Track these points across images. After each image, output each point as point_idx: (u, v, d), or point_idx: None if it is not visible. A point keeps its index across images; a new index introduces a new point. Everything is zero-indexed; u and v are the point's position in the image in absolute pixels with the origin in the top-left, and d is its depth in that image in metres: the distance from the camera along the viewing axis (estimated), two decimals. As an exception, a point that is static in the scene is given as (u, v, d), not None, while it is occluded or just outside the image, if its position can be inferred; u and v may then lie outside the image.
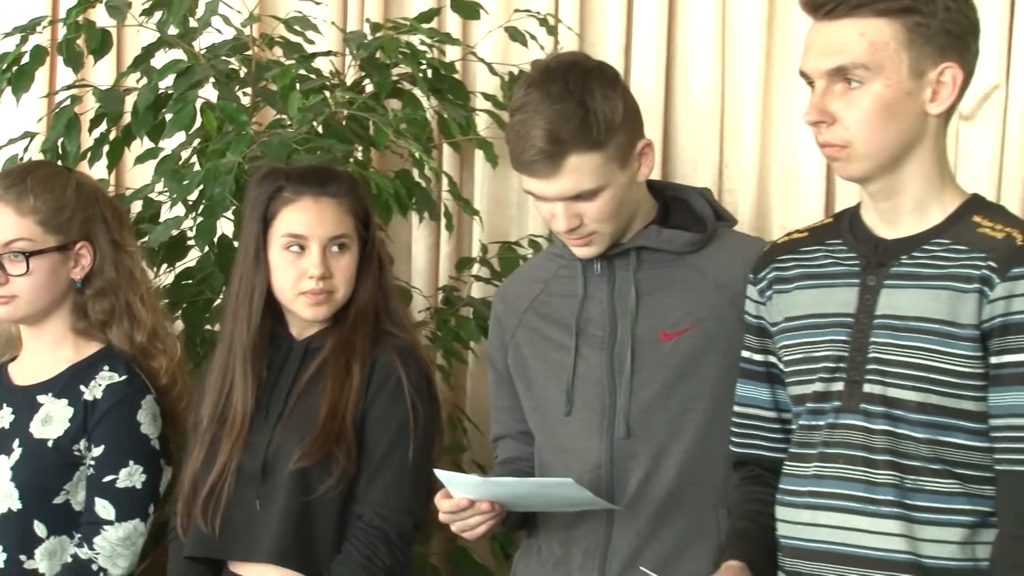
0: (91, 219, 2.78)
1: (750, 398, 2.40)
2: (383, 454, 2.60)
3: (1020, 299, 2.11)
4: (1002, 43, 3.05)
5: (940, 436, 2.15)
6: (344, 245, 2.64)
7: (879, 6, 2.12)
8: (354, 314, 2.66)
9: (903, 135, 2.18)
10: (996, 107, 3.06)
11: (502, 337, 2.65)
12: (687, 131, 3.31)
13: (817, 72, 2.16)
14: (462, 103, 3.32)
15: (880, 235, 2.25)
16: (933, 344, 2.15)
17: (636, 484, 2.48)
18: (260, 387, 2.65)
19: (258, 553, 2.61)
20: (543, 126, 2.37)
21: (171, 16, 3.20)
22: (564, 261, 2.58)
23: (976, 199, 2.26)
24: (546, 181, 2.40)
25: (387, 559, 2.59)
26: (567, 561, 2.54)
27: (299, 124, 3.06)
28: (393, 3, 3.53)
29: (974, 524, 2.16)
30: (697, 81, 3.29)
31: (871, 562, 2.18)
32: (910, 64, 2.14)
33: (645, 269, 2.52)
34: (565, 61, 2.51)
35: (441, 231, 3.47)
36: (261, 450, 2.62)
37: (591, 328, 2.52)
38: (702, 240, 2.52)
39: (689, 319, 2.48)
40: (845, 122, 2.15)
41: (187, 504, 2.66)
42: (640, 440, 2.48)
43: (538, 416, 2.59)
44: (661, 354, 2.48)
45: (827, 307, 2.25)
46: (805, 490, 2.24)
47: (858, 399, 2.19)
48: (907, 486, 2.16)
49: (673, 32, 3.32)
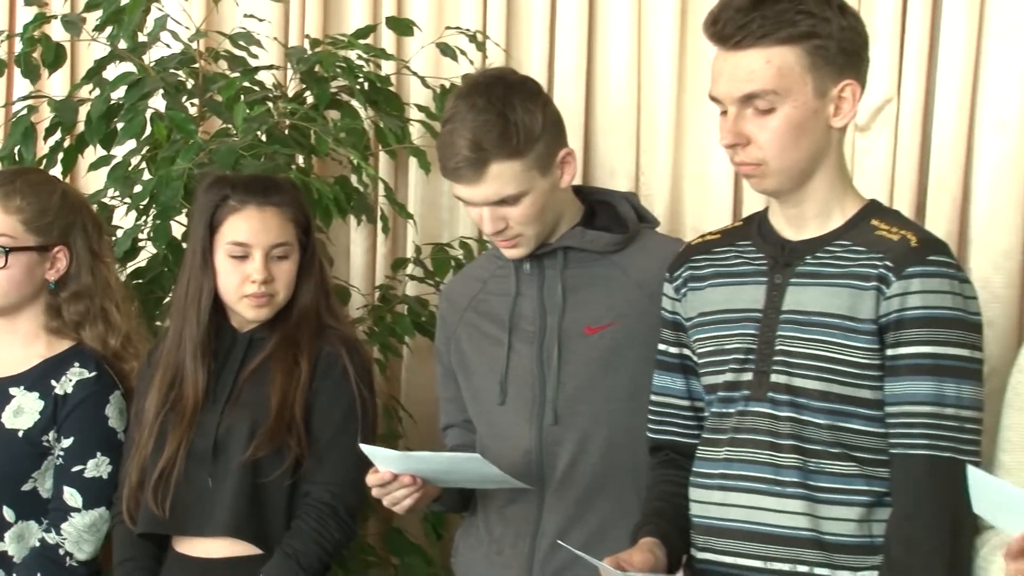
0: (71, 226, 2.77)
1: (666, 388, 2.42)
2: (330, 436, 2.61)
3: (914, 296, 2.14)
4: (894, 60, 3.06)
5: (840, 422, 2.18)
6: (285, 252, 2.64)
7: (781, 34, 2.13)
8: (298, 313, 2.67)
9: (812, 150, 2.20)
10: (889, 119, 3.08)
11: (446, 333, 2.66)
12: (606, 140, 3.32)
13: (729, 98, 2.17)
14: (397, 114, 3.32)
15: (786, 237, 2.27)
16: (834, 337, 2.18)
17: (563, 468, 2.50)
18: (209, 376, 2.64)
19: (212, 527, 2.60)
20: (467, 136, 2.38)
21: (122, 31, 3.17)
22: (500, 262, 2.59)
23: (874, 204, 2.29)
24: (471, 187, 2.42)
25: (336, 533, 2.60)
26: (502, 540, 2.56)
27: (244, 133, 3.04)
28: (332, 20, 3.51)
29: (871, 503, 2.18)
30: (615, 95, 3.30)
31: (777, 538, 2.20)
32: (814, 85, 2.16)
33: (571, 268, 2.53)
34: (491, 75, 2.53)
35: (378, 233, 3.45)
36: (211, 431, 2.61)
37: (523, 324, 2.54)
38: (624, 241, 2.54)
39: (611, 314, 2.50)
40: (759, 143, 2.17)
41: (133, 491, 2.64)
42: (567, 427, 2.49)
43: (476, 406, 2.60)
44: (586, 347, 2.50)
45: (737, 303, 2.28)
46: (717, 472, 2.26)
47: (765, 388, 2.22)
48: (810, 468, 2.19)
49: (593, 49, 3.32)
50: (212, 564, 2.63)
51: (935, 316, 2.14)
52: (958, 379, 2.14)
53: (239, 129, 3.04)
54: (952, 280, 2.16)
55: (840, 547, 2.18)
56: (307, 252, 2.68)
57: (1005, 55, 3.01)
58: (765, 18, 2.12)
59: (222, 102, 3.13)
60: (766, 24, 2.12)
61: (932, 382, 2.13)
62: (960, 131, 3.04)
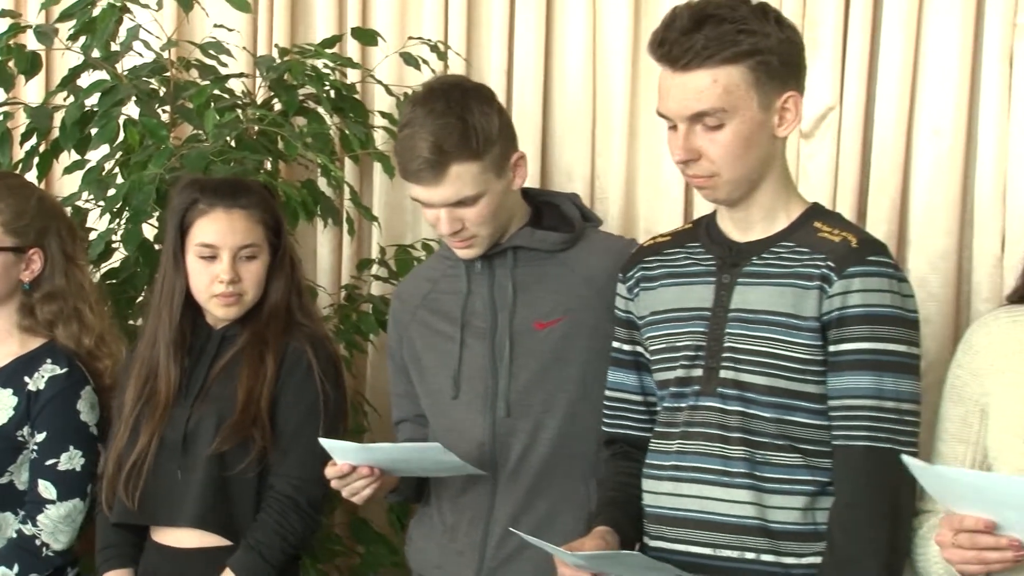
0: (47, 230, 2.77)
1: (619, 383, 2.42)
2: (294, 431, 2.60)
3: (855, 295, 2.16)
4: (836, 69, 3.07)
5: (785, 416, 2.19)
6: (253, 253, 2.63)
7: (726, 54, 2.14)
8: (267, 311, 2.66)
9: (760, 160, 2.22)
10: (832, 126, 3.09)
11: (398, 331, 2.66)
12: (562, 146, 3.32)
13: (679, 116, 2.18)
14: (362, 120, 3.30)
15: (734, 239, 2.28)
16: (779, 334, 2.19)
17: (516, 458, 2.50)
18: (183, 373, 2.64)
19: (181, 518, 2.60)
20: (428, 139, 2.38)
21: (95, 41, 3.15)
22: (451, 262, 2.59)
23: (816, 207, 2.30)
24: (431, 189, 2.41)
25: (298, 526, 2.59)
26: (455, 527, 2.56)
27: (214, 139, 3.03)
28: (299, 30, 3.50)
29: (814, 493, 2.20)
30: (571, 102, 3.30)
31: (725, 527, 2.21)
32: (759, 99, 2.17)
33: (521, 266, 2.53)
34: (447, 82, 2.53)
35: (343, 235, 3.44)
36: (181, 424, 2.61)
37: (475, 320, 2.54)
38: (571, 239, 2.54)
39: (560, 310, 2.51)
40: (710, 157, 2.18)
41: (111, 482, 2.63)
42: (519, 418, 2.50)
43: (430, 400, 2.60)
44: (536, 342, 2.50)
45: (688, 302, 2.29)
46: (669, 464, 2.27)
47: (715, 383, 2.23)
48: (757, 460, 2.20)
49: (550, 59, 3.32)
50: (185, 554, 2.62)
51: (875, 314, 2.15)
52: (897, 374, 2.16)
53: (209, 135, 3.03)
54: (891, 279, 2.18)
55: (785, 534, 2.20)
56: (277, 252, 2.67)
57: (941, 66, 3.02)
58: (709, 39, 2.13)
59: (193, 109, 3.11)
60: (711, 45, 2.13)
61: (872, 377, 2.15)
62: (899, 137, 3.05)
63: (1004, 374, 2.15)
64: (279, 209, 2.74)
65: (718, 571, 2.22)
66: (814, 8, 3.08)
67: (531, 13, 3.29)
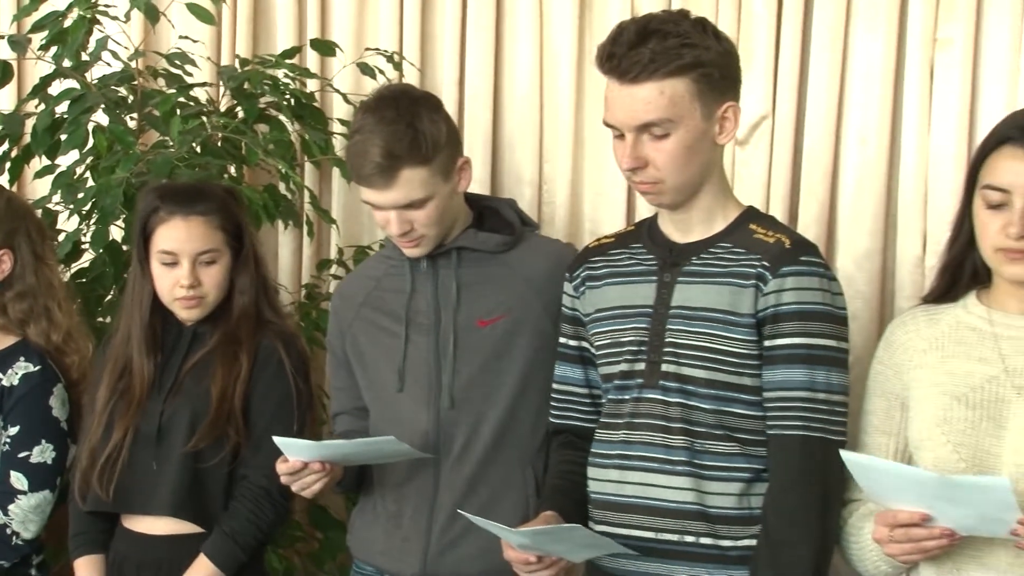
0: (16, 231, 2.74)
1: (566, 377, 2.42)
2: (267, 424, 2.58)
3: (788, 292, 2.17)
4: (768, 80, 3.09)
5: (723, 407, 2.20)
6: (213, 257, 2.60)
7: (671, 67, 2.14)
8: (237, 311, 2.64)
9: (702, 167, 2.22)
10: (765, 134, 3.11)
11: (340, 327, 2.64)
12: (512, 152, 3.31)
13: (626, 126, 2.18)
14: (321, 127, 3.29)
15: (674, 240, 2.29)
16: (717, 330, 2.20)
17: (459, 447, 2.49)
18: (156, 368, 2.62)
19: (155, 507, 2.58)
20: (379, 144, 2.36)
21: (66, 51, 3.12)
22: (394, 261, 2.58)
23: (751, 210, 2.31)
24: (382, 192, 2.40)
25: (271, 514, 2.59)
26: (399, 515, 2.54)
27: (180, 145, 3.00)
28: (260, 41, 3.47)
29: (750, 479, 2.21)
30: (520, 111, 3.30)
31: (667, 512, 2.22)
32: (702, 110, 2.17)
33: (464, 266, 2.52)
34: (396, 90, 2.52)
35: (304, 237, 3.42)
36: (155, 417, 2.59)
37: (419, 318, 2.52)
38: (512, 242, 2.54)
39: (501, 308, 2.50)
40: (656, 165, 2.18)
41: (85, 474, 2.60)
42: (462, 410, 2.49)
43: (373, 393, 2.58)
44: (478, 338, 2.49)
45: (631, 300, 2.29)
46: (614, 453, 2.27)
47: (657, 377, 2.23)
48: (696, 449, 2.20)
49: (500, 70, 3.32)
50: (155, 540, 2.61)
51: (807, 311, 2.16)
52: (827, 367, 2.17)
53: (175, 141, 3.01)
54: (821, 278, 2.19)
55: (723, 518, 2.20)
56: (241, 254, 2.64)
57: (866, 77, 3.04)
58: (655, 53, 2.13)
59: (159, 116, 3.08)
60: (657, 59, 2.13)
61: (805, 370, 2.16)
62: (827, 145, 3.07)
63: (922, 369, 2.17)
64: (241, 212, 2.70)
65: (659, 554, 2.22)
66: (748, 22, 3.09)
67: (482, 27, 3.29)
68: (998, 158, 2.05)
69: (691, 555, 2.21)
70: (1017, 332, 2.10)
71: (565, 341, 2.42)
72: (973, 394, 2.09)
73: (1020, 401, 2.06)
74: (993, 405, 2.07)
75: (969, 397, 2.09)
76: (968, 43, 2.95)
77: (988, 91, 2.96)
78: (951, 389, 2.11)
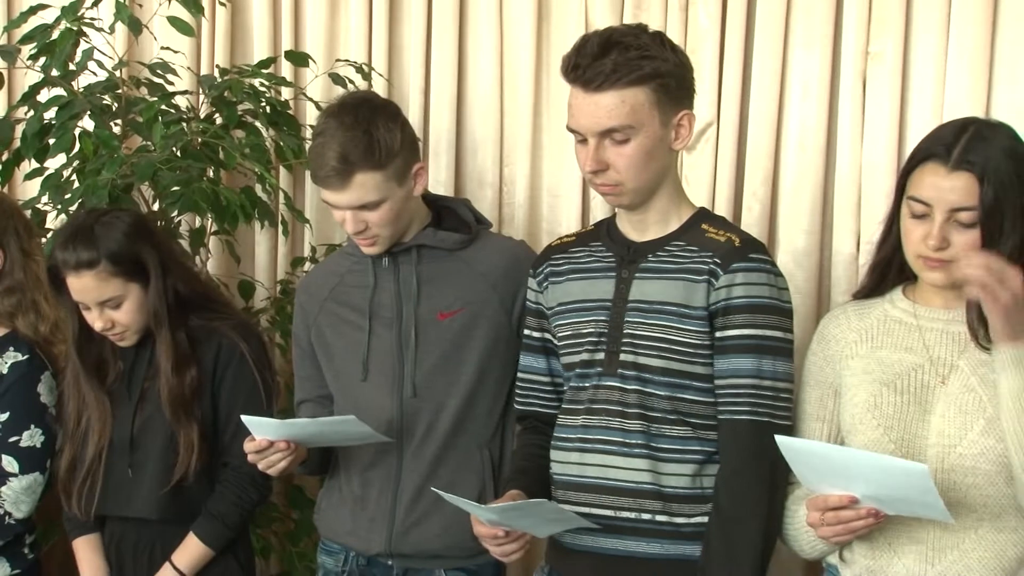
0: (5, 230, 2.71)
1: (530, 366, 2.42)
2: (240, 414, 2.53)
3: (738, 287, 2.17)
4: (714, 90, 3.09)
5: (678, 393, 2.20)
6: (115, 303, 2.51)
7: (632, 77, 2.14)
8: (167, 324, 2.54)
9: (659, 170, 2.22)
10: (710, 141, 3.11)
11: (306, 321, 2.61)
12: (474, 157, 3.30)
13: (589, 132, 2.17)
14: (294, 133, 3.26)
15: (632, 239, 2.28)
16: (672, 322, 2.19)
17: (421, 433, 2.49)
18: (105, 389, 2.58)
19: (135, 511, 2.56)
20: (336, 149, 2.35)
21: (54, 61, 3.07)
22: (356, 258, 2.56)
23: (704, 211, 2.32)
24: (337, 193, 2.39)
25: (254, 495, 2.58)
26: (365, 497, 2.53)
27: (162, 149, 2.97)
28: (238, 52, 3.45)
29: (702, 461, 2.21)
30: (482, 118, 3.29)
31: (625, 491, 2.22)
32: (660, 118, 2.17)
33: (424, 263, 2.51)
34: (358, 97, 2.50)
35: (279, 236, 3.40)
36: (127, 426, 2.56)
37: (382, 311, 2.51)
38: (468, 240, 2.54)
39: (460, 302, 2.49)
40: (617, 168, 2.18)
41: (64, 485, 2.60)
42: (423, 398, 2.48)
43: (339, 383, 2.56)
44: (439, 330, 2.48)
45: (591, 294, 2.28)
46: (576, 437, 2.27)
47: (615, 366, 2.23)
48: (652, 433, 2.20)
49: (463, 79, 3.30)
50: (148, 523, 2.59)
51: (755, 304, 2.17)
52: (774, 356, 2.18)
53: (157, 145, 2.98)
54: (769, 274, 2.20)
55: (677, 497, 2.20)
56: (148, 278, 2.52)
57: (804, 88, 3.05)
58: (618, 64, 2.12)
59: (142, 122, 3.05)
60: (619, 69, 2.12)
61: (753, 359, 2.16)
62: (768, 151, 3.08)
63: (854, 359, 2.18)
64: (135, 244, 2.51)
65: (618, 530, 2.22)
66: (694, 37, 3.09)
67: (446, 39, 3.27)
68: (923, 173, 2.07)
69: (647, 531, 2.21)
70: (939, 325, 2.13)
71: (529, 333, 2.41)
72: (900, 381, 2.11)
73: (943, 388, 2.09)
74: (919, 391, 2.09)
75: (897, 384, 2.11)
76: (897, 56, 2.96)
77: (916, 101, 2.98)
78: (880, 376, 2.13)
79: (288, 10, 3.36)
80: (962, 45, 2.90)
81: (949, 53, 2.92)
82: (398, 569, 2.53)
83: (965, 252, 2.00)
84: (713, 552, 2.15)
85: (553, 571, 2.35)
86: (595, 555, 2.24)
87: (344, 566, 2.58)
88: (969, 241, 2.02)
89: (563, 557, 2.31)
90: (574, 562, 2.28)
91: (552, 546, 2.35)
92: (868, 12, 2.98)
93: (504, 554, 2.21)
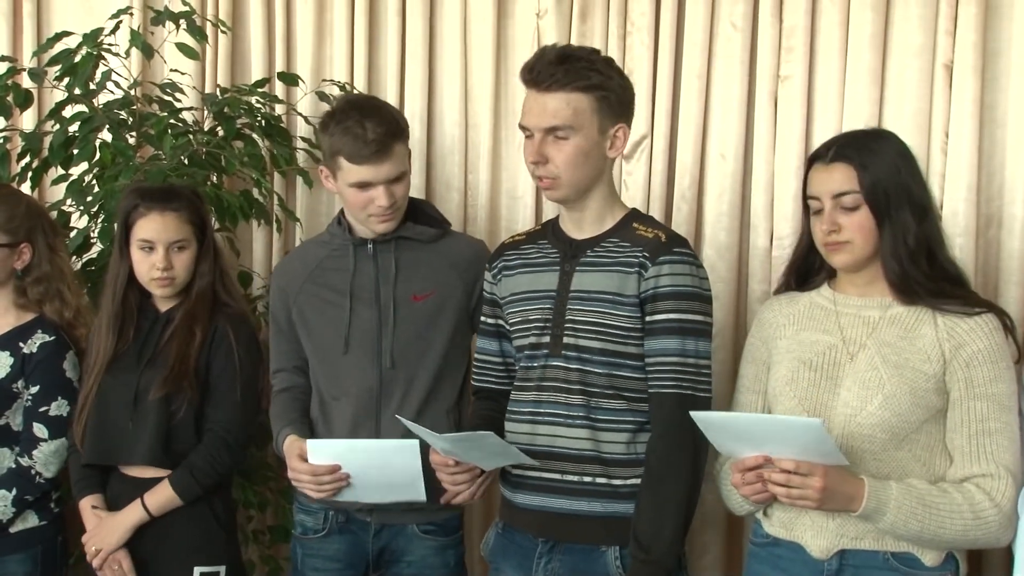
0: (34, 228, 2.68)
1: (485, 348, 2.39)
2: (224, 390, 2.54)
3: (664, 277, 2.14)
4: (647, 107, 3.05)
5: (614, 371, 2.17)
6: (183, 245, 2.55)
7: (579, 84, 2.11)
8: (196, 294, 2.59)
9: (593, 171, 2.18)
10: (645, 151, 3.08)
11: (285, 301, 2.57)
12: (442, 165, 3.25)
13: (536, 128, 2.14)
14: (286, 144, 3.21)
15: (573, 236, 2.25)
16: (608, 309, 2.16)
17: (397, 400, 2.45)
18: (124, 342, 2.56)
19: (134, 458, 2.53)
20: (373, 125, 2.33)
21: (76, 81, 3.02)
22: (333, 247, 2.54)
23: (635, 211, 2.28)
24: (378, 167, 2.35)
25: (227, 458, 2.54)
26: None
27: (171, 158, 2.93)
28: (237, 73, 3.37)
29: (635, 430, 2.18)
30: (449, 131, 3.24)
31: (570, 457, 2.19)
32: (598, 125, 2.14)
33: (402, 251, 2.48)
34: (356, 95, 2.55)
35: (273, 233, 3.33)
36: (132, 385, 2.53)
37: (362, 293, 2.47)
38: (441, 234, 2.52)
39: (431, 286, 2.46)
40: (556, 163, 2.14)
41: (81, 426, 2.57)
42: (400, 369, 2.44)
43: (320, 355, 2.52)
44: (413, 311, 2.45)
45: (538, 285, 2.25)
46: (527, 411, 2.24)
47: (560, 347, 2.19)
48: (592, 406, 2.17)
49: (433, 97, 3.24)
50: (143, 482, 2.55)
51: (679, 291, 2.14)
52: (696, 337, 2.15)
53: (167, 155, 2.94)
54: (691, 266, 2.17)
55: (614, 462, 2.17)
56: (203, 244, 2.59)
57: (726, 105, 3.02)
58: (568, 71, 2.10)
59: (154, 134, 3.00)
60: (568, 75, 2.10)
61: (678, 339, 2.13)
62: (695, 160, 3.04)
63: (782, 340, 2.18)
64: (206, 210, 2.65)
65: (564, 492, 2.19)
66: (631, 60, 3.06)
67: (417, 62, 3.22)
68: (812, 173, 2.11)
69: (589, 492, 2.17)
70: (853, 310, 2.12)
71: (485, 319, 2.38)
72: (817, 359, 2.10)
73: (852, 364, 2.08)
74: (832, 368, 2.09)
75: (814, 361, 2.10)
76: (803, 79, 2.95)
77: (820, 117, 2.96)
78: (800, 355, 2.13)
79: (281, 37, 3.31)
80: (858, 69, 2.90)
81: (847, 76, 2.92)
82: (376, 524, 2.48)
83: (859, 232, 2.03)
84: (643, 507, 2.12)
85: (507, 527, 2.31)
86: (544, 513, 2.21)
87: (324, 524, 2.52)
88: (856, 221, 2.04)
89: (515, 515, 2.27)
90: (525, 519, 2.24)
91: (505, 505, 2.31)
92: (778, 42, 2.97)
93: (454, 483, 2.19)
